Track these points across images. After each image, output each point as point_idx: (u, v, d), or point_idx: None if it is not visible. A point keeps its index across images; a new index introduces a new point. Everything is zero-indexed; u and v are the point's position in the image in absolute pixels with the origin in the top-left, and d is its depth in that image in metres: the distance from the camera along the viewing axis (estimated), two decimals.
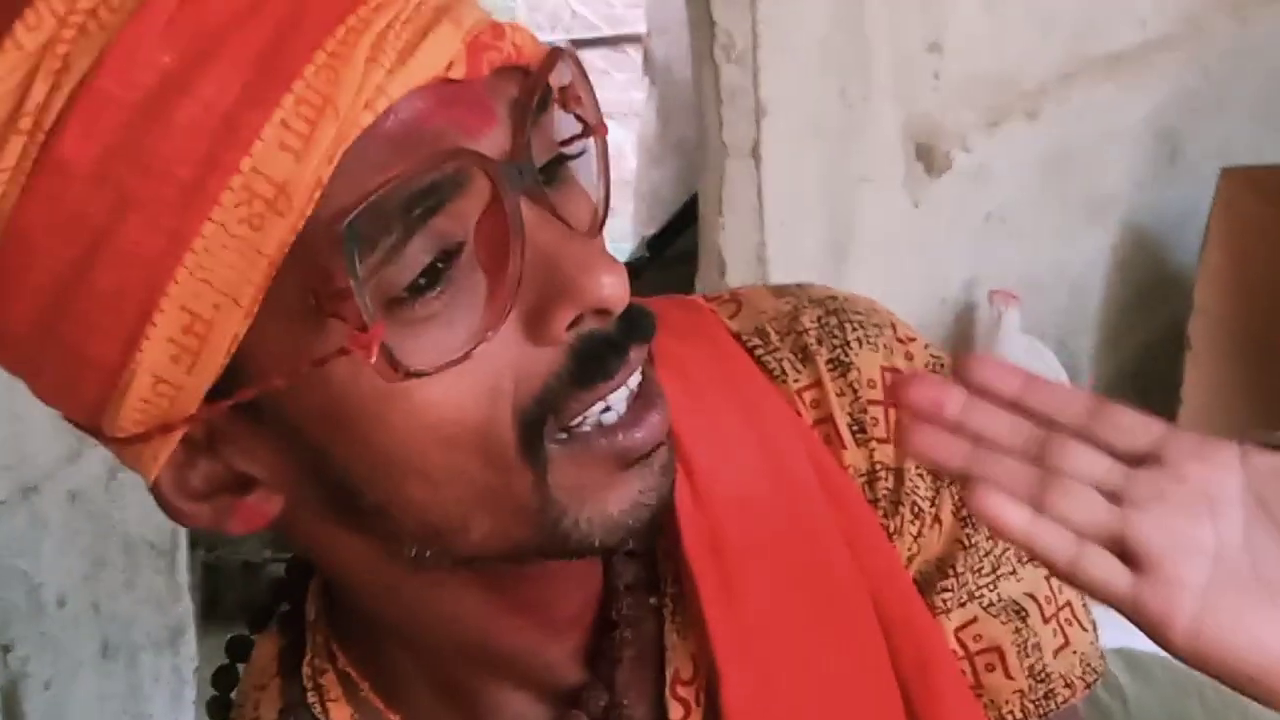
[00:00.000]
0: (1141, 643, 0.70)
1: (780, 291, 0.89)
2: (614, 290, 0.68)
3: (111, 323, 0.66)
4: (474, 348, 0.66)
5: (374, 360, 0.65)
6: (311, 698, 0.83)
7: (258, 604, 0.89)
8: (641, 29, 4.37)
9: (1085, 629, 0.89)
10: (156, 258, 0.65)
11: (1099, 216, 2.95)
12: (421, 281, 0.66)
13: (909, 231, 2.41)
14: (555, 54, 0.71)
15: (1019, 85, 2.66)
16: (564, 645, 0.80)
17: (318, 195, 0.65)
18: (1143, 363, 3.06)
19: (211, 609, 2.49)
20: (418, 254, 0.66)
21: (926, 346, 0.87)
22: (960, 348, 2.49)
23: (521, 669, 0.81)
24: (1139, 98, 3.03)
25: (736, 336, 0.85)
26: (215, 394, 0.68)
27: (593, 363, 0.69)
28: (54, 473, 1.63)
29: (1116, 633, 0.93)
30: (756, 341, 0.85)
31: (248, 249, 0.65)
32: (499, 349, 0.67)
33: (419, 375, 0.66)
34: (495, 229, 0.67)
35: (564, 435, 0.70)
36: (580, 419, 0.70)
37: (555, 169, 0.72)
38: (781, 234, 2.15)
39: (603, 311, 0.69)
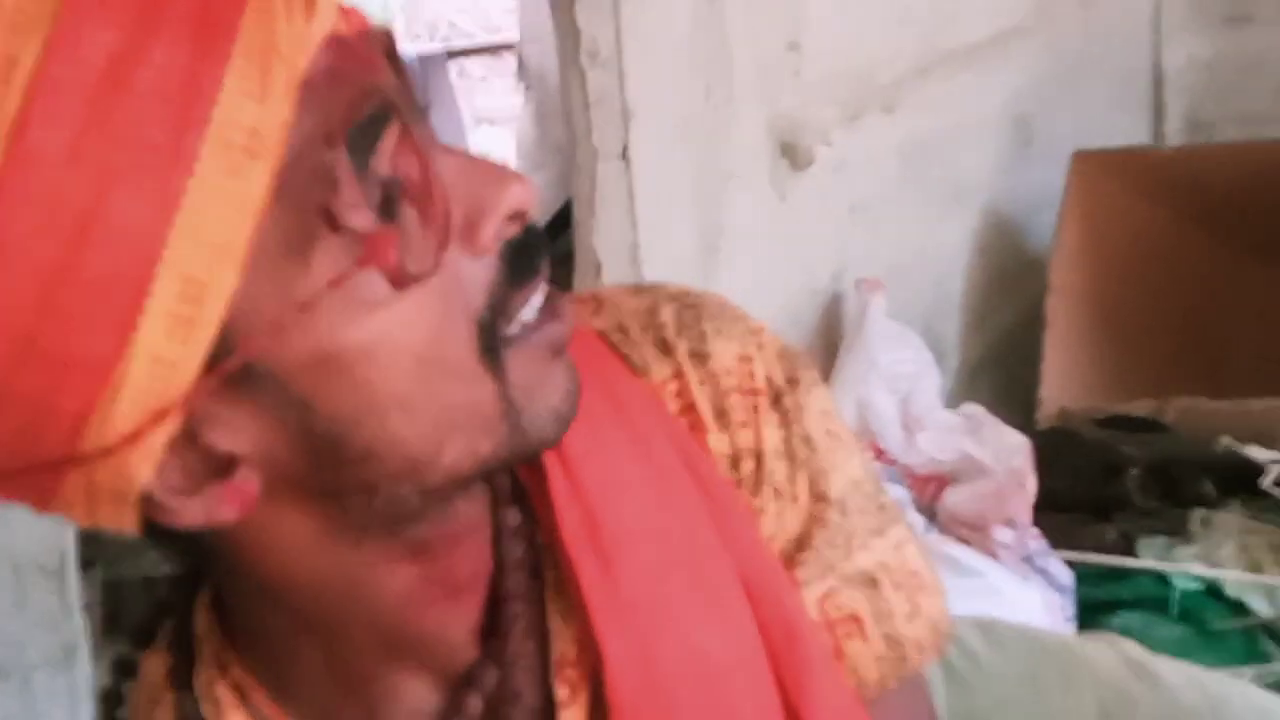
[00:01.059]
0: (993, 609, 0.75)
1: (637, 290, 0.93)
2: (527, 194, 0.74)
3: (105, 311, 0.66)
4: (438, 261, 0.71)
5: (393, 262, 0.69)
6: (207, 709, 0.84)
7: (143, 622, 0.90)
8: (516, 37, 4.40)
9: (934, 596, 0.94)
10: (147, 226, 0.65)
11: (959, 203, 3.02)
12: (378, 213, 0.70)
13: (776, 226, 2.45)
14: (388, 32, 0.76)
15: (876, 80, 2.71)
16: (465, 623, 0.83)
17: (285, 136, 0.67)
18: (1006, 343, 3.14)
19: (113, 625, 2.47)
20: (371, 190, 0.70)
21: (774, 337, 0.92)
22: (830, 336, 2.55)
23: (429, 650, 0.83)
24: (993, 87, 3.10)
25: (600, 334, 0.90)
26: (207, 364, 0.69)
27: (523, 261, 0.75)
28: None
29: (972, 602, 0.99)
30: (618, 337, 0.90)
31: (233, 198, 0.66)
32: (449, 266, 0.72)
33: (417, 279, 0.70)
34: (411, 160, 0.71)
35: (510, 336, 0.75)
36: (517, 321, 0.75)
37: None
38: (653, 233, 2.17)
39: (518, 215, 0.74)
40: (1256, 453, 2.30)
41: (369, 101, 0.70)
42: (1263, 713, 1.36)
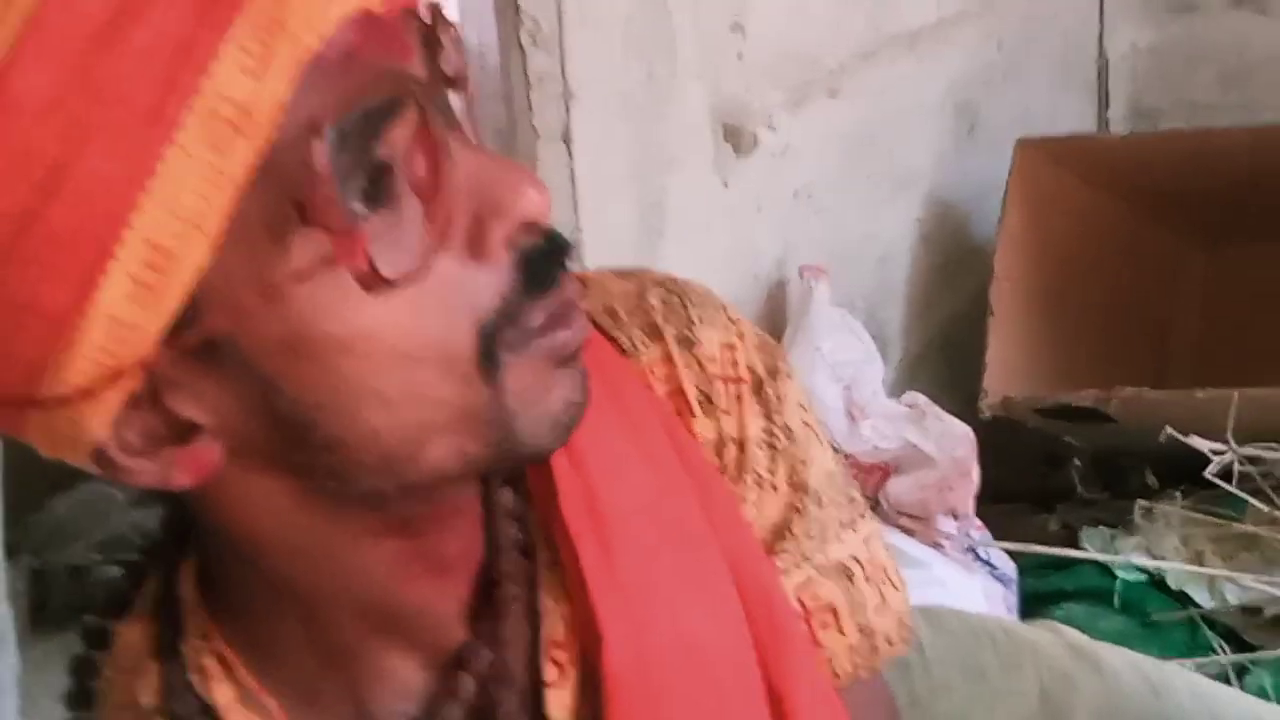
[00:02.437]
0: (936, 599, 0.75)
1: (623, 274, 0.93)
2: (541, 203, 0.72)
3: (67, 264, 0.65)
4: (427, 261, 0.69)
5: (362, 264, 0.67)
6: (195, 679, 0.83)
7: (116, 591, 0.87)
8: (455, 17, 4.36)
9: (898, 589, 0.96)
10: (118, 187, 0.64)
11: (903, 190, 3.01)
12: (367, 201, 0.68)
13: (719, 210, 2.43)
14: (438, 8, 0.73)
15: (821, 64, 2.69)
16: (454, 603, 0.82)
17: (279, 117, 0.65)
18: (950, 330, 3.13)
19: (39, 614, 2.44)
20: (365, 176, 0.68)
21: (752, 327, 0.93)
22: (773, 322, 2.53)
23: (415, 629, 0.82)
24: (937, 73, 3.09)
25: (587, 316, 0.88)
26: (171, 332, 0.67)
27: (540, 272, 0.73)
28: None
29: (916, 593, 0.99)
30: (607, 320, 0.89)
31: (212, 172, 0.65)
32: (448, 267, 0.70)
33: (391, 284, 0.68)
34: (425, 153, 0.69)
35: (513, 342, 0.73)
36: (524, 328, 0.73)
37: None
38: (595, 217, 2.15)
39: (532, 224, 0.72)
40: (1199, 443, 2.29)
41: (380, 89, 0.68)
42: (1203, 697, 1.37)
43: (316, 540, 0.77)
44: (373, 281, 0.68)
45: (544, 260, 0.73)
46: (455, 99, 0.74)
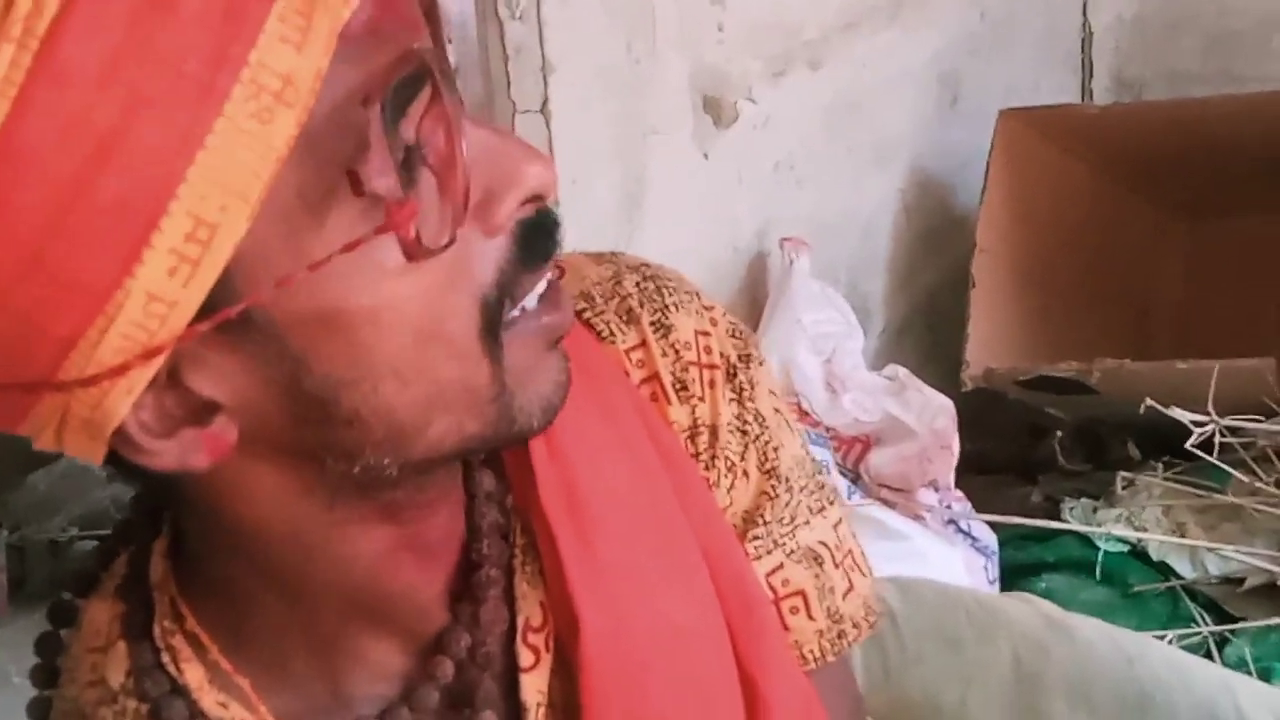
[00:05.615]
0: (917, 571, 0.75)
1: (599, 258, 0.93)
2: (548, 176, 0.73)
3: (112, 237, 0.64)
4: (453, 235, 0.69)
5: (410, 232, 0.68)
6: (165, 658, 0.82)
7: (85, 570, 0.87)
8: None
9: (865, 574, 0.97)
10: (167, 158, 0.64)
11: (885, 161, 3.00)
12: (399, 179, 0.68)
13: (700, 182, 2.42)
14: None
15: (802, 35, 2.68)
16: (435, 587, 0.83)
17: (318, 87, 0.65)
18: (932, 302, 3.12)
19: (17, 590, 2.44)
20: (395, 153, 0.68)
21: (724, 314, 0.93)
22: (754, 294, 2.52)
23: (396, 614, 0.83)
24: (920, 43, 3.08)
25: None
26: (204, 309, 0.67)
27: (536, 244, 0.74)
28: None
29: (897, 565, 0.99)
30: (583, 304, 0.90)
31: (258, 144, 0.64)
32: (461, 240, 0.70)
33: (433, 253, 0.69)
34: (440, 124, 0.69)
35: (511, 319, 0.74)
36: (519, 305, 0.74)
37: None
38: (574, 190, 2.15)
39: (537, 197, 0.73)
40: (1181, 414, 2.29)
41: (408, 63, 0.68)
42: (1177, 666, 1.38)
43: (311, 528, 0.77)
44: (417, 251, 0.68)
45: (539, 232, 0.74)
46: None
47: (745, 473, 0.92)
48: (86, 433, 0.70)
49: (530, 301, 0.75)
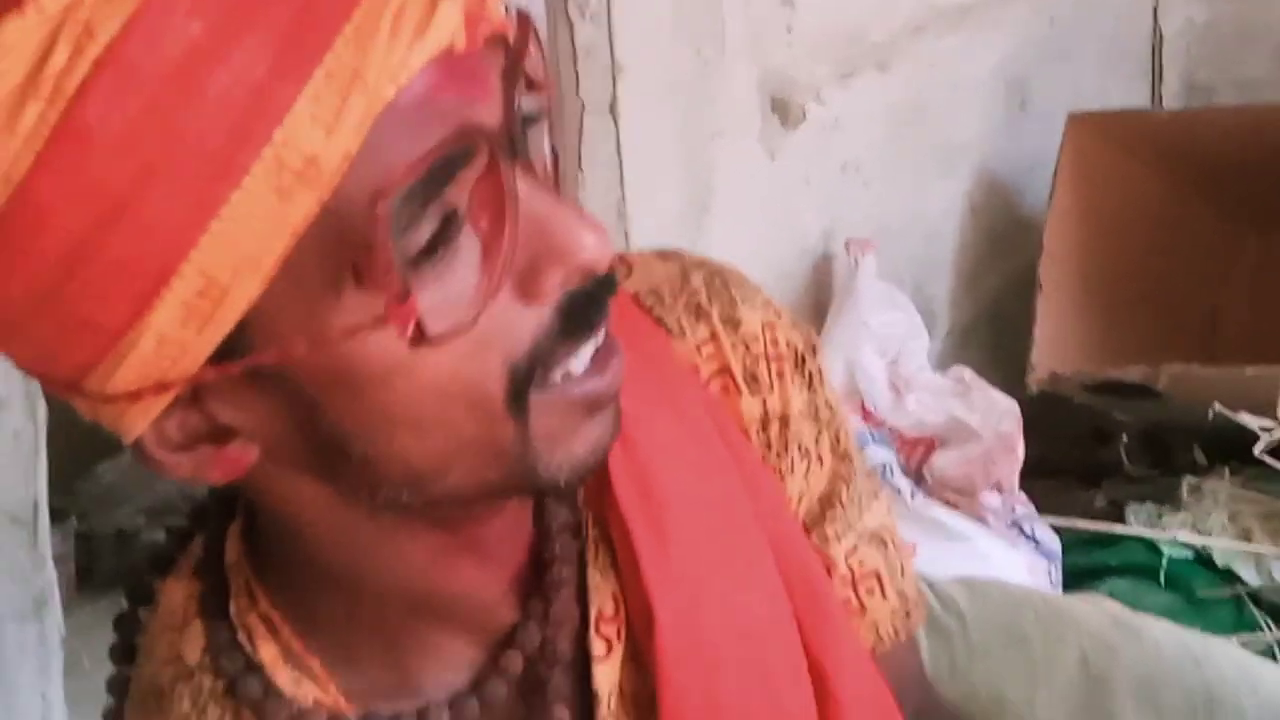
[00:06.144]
0: (979, 573, 0.76)
1: (664, 255, 0.94)
2: (600, 252, 0.71)
3: (123, 289, 0.65)
4: (479, 312, 0.68)
5: (412, 325, 0.67)
6: (240, 636, 0.83)
7: (161, 551, 0.89)
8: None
9: (911, 558, 1.00)
10: (179, 227, 0.64)
11: (951, 164, 2.99)
12: (428, 249, 0.68)
13: (766, 184, 2.43)
14: (526, 23, 0.72)
15: (870, 38, 2.68)
16: (500, 586, 0.83)
17: (345, 168, 0.65)
18: (997, 305, 3.11)
19: (86, 578, 2.47)
20: (428, 224, 0.67)
21: (784, 308, 0.94)
22: (819, 296, 2.52)
23: (461, 611, 0.83)
24: (988, 47, 3.07)
25: (633, 297, 0.90)
26: (218, 354, 0.68)
27: (580, 318, 0.73)
28: None
29: (959, 566, 1.00)
30: (653, 301, 0.90)
31: (274, 218, 0.65)
32: (493, 309, 0.69)
33: (437, 342, 0.68)
34: (491, 196, 0.69)
35: (549, 384, 0.73)
36: (557, 371, 0.73)
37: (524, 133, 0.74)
38: (641, 190, 2.16)
39: (586, 271, 0.72)
40: (1248, 420, 2.28)
41: (452, 142, 0.67)
42: (1245, 668, 1.37)
43: (357, 533, 0.78)
44: (420, 342, 0.68)
45: (585, 305, 0.73)
46: (532, 99, 0.73)
47: (820, 458, 0.93)
48: (113, 431, 0.72)
49: (576, 366, 0.74)
